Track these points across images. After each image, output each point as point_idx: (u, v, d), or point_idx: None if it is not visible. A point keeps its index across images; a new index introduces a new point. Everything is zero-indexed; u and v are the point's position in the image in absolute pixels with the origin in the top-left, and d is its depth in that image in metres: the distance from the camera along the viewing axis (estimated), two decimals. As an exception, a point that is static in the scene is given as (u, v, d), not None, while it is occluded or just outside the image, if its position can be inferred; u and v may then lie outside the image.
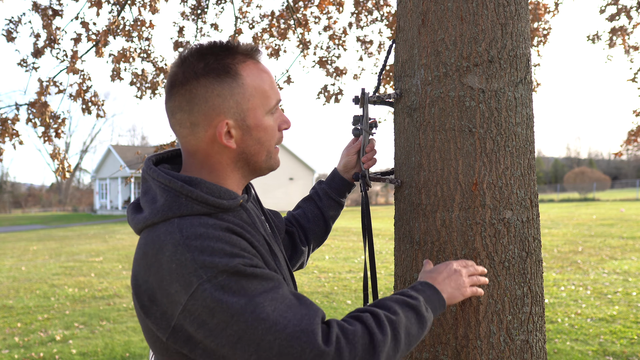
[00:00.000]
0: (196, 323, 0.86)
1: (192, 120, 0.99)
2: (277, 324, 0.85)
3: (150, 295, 0.91)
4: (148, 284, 0.91)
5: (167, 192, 0.96)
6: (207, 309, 0.85)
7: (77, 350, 4.82)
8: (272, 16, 5.24)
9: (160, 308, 0.90)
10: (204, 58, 0.97)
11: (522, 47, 1.32)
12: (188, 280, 0.86)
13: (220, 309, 0.85)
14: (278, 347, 0.85)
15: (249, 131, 1.01)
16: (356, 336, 0.90)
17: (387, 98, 1.43)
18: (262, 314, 0.85)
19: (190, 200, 0.95)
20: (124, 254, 11.93)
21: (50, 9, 4.34)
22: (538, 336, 1.31)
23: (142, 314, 0.94)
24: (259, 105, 1.01)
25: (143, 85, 5.02)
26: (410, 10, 1.38)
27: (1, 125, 4.15)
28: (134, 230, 1.04)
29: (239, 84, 0.98)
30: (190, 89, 0.98)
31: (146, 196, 1.00)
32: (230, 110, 0.98)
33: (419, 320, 1.01)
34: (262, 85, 1.01)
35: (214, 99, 0.97)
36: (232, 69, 0.98)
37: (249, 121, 1.00)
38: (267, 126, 1.03)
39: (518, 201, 1.29)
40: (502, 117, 1.28)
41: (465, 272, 1.17)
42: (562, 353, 4.30)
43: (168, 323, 0.89)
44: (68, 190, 49.25)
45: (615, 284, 6.83)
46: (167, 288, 0.88)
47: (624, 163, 61.44)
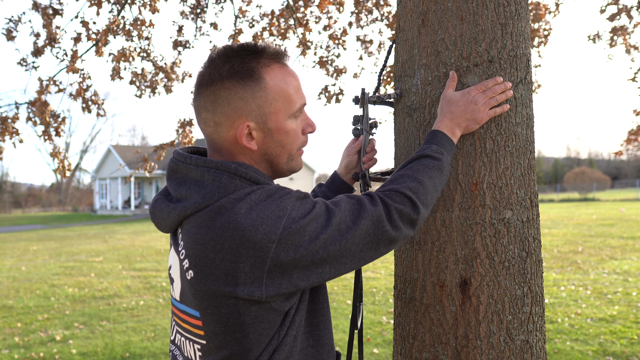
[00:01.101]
0: (293, 245, 0.92)
1: (215, 120, 1.02)
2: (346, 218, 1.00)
3: (232, 263, 0.92)
4: (224, 253, 0.92)
5: (220, 175, 0.98)
6: (297, 231, 0.93)
7: (77, 350, 4.82)
8: (272, 15, 5.24)
9: (247, 264, 0.91)
10: (229, 60, 1.00)
11: (522, 47, 1.32)
12: (274, 224, 0.92)
13: (308, 224, 0.94)
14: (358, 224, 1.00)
15: (271, 134, 1.03)
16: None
17: (387, 98, 1.43)
18: (337, 218, 0.98)
19: (244, 180, 0.98)
20: (124, 254, 11.93)
21: (51, 8, 4.34)
22: (538, 336, 1.31)
23: (226, 291, 0.93)
24: (282, 109, 1.02)
25: (142, 84, 5.01)
26: (410, 10, 1.38)
27: (1, 123, 4.15)
28: (166, 224, 1.03)
29: (262, 87, 1.00)
30: (214, 90, 1.00)
31: (184, 186, 1.00)
32: (252, 113, 1.00)
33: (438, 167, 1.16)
34: (286, 89, 1.03)
35: (236, 102, 1.00)
36: (255, 72, 1.00)
37: (271, 124, 1.02)
38: (289, 130, 1.04)
39: (518, 201, 1.29)
40: (502, 117, 1.28)
41: (482, 100, 1.24)
42: (562, 353, 4.30)
43: (262, 269, 0.91)
44: (68, 190, 49.25)
45: (615, 284, 6.83)
46: (253, 237, 0.91)
47: (624, 163, 61.45)
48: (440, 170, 1.15)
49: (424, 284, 1.32)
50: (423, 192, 1.10)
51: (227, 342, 0.97)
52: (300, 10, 5.12)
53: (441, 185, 1.16)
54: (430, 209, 1.12)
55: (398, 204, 1.05)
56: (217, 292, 0.93)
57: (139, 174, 6.68)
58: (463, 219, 1.27)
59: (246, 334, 0.95)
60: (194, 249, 0.95)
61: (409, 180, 1.11)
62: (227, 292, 0.92)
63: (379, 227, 1.01)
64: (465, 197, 1.27)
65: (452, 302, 1.27)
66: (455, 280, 1.27)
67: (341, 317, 5.70)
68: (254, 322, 0.95)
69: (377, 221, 1.01)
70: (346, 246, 0.97)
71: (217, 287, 0.93)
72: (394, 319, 1.45)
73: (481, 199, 1.26)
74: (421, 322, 1.32)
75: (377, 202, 1.04)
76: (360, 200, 1.04)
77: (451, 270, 1.28)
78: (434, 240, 1.30)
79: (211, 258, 0.93)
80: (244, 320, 0.94)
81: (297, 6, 5.10)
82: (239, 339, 0.96)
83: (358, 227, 0.99)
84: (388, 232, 1.02)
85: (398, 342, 1.41)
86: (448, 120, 1.23)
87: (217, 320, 0.96)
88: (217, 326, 0.96)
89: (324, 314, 1.08)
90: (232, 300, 0.93)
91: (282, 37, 5.21)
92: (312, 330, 1.05)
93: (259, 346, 0.97)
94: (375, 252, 1.03)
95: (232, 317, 0.94)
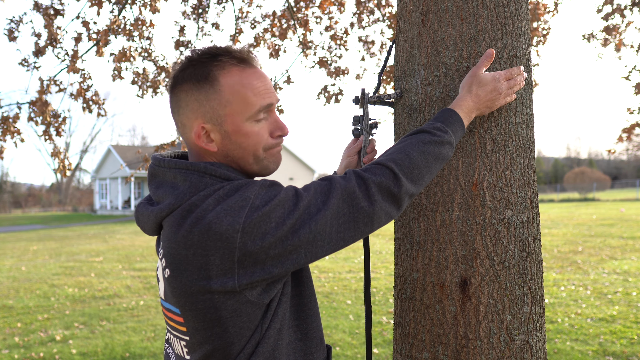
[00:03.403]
0: (259, 233, 0.91)
1: (180, 121, 1.06)
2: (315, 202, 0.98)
3: (203, 257, 0.93)
4: (195, 249, 0.93)
5: (191, 175, 1.00)
6: (261, 218, 0.92)
7: (77, 350, 4.82)
8: (274, 16, 5.24)
9: (216, 256, 0.92)
10: (190, 64, 1.03)
11: (522, 47, 1.32)
12: (237, 214, 0.92)
13: (272, 211, 0.93)
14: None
15: (228, 136, 1.03)
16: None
17: (387, 98, 1.43)
18: (302, 202, 0.96)
19: (214, 178, 1.00)
20: (124, 254, 11.93)
21: (52, 9, 4.35)
22: (538, 336, 1.31)
23: (200, 285, 0.94)
24: (238, 112, 1.02)
25: (144, 84, 5.02)
26: (410, 10, 1.38)
27: (3, 123, 4.16)
28: (148, 227, 1.06)
29: (216, 89, 1.01)
30: (176, 92, 1.04)
31: (161, 188, 1.03)
32: (207, 115, 1.02)
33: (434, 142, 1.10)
34: (242, 91, 1.02)
35: (192, 103, 1.02)
36: (210, 75, 1.01)
37: (227, 126, 1.02)
38: (248, 132, 1.03)
39: (518, 201, 1.29)
40: (502, 117, 1.28)
41: (505, 88, 1.23)
42: (562, 353, 4.30)
43: (231, 260, 0.92)
44: (68, 190, 49.25)
45: (615, 284, 6.83)
46: (218, 229, 0.91)
47: (624, 163, 61.42)
48: (437, 146, 1.09)
49: (424, 284, 1.32)
50: (409, 165, 1.04)
51: (208, 337, 0.98)
52: (301, 10, 5.12)
53: (436, 162, 1.09)
54: (419, 185, 1.06)
55: (377, 176, 1.01)
56: (192, 288, 0.95)
57: (139, 174, 6.68)
58: (463, 219, 1.27)
59: (226, 329, 0.96)
60: (168, 248, 0.98)
61: (396, 153, 1.06)
62: (201, 286, 0.94)
63: (352, 204, 0.97)
64: (465, 197, 1.27)
65: (452, 302, 1.28)
66: (455, 280, 1.27)
67: (341, 317, 5.70)
68: (232, 316, 0.96)
69: (349, 197, 0.98)
70: (318, 228, 0.95)
71: (191, 283, 0.95)
72: (394, 319, 1.45)
73: (481, 199, 1.27)
74: (421, 322, 1.32)
75: (351, 178, 1.01)
76: (332, 179, 1.01)
77: (451, 270, 1.28)
78: (434, 240, 1.30)
79: (184, 255, 0.94)
80: (222, 314, 0.95)
81: (298, 7, 5.11)
82: (219, 333, 0.97)
83: (328, 207, 0.96)
84: (364, 208, 0.98)
85: (398, 342, 1.41)
86: (471, 102, 1.19)
87: (195, 316, 0.97)
88: (196, 322, 0.98)
89: (311, 307, 1.09)
90: (207, 295, 0.94)
91: (282, 37, 5.21)
92: (300, 324, 1.06)
93: (241, 340, 0.97)
94: (355, 232, 0.99)
95: (210, 312, 0.96)
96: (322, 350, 1.11)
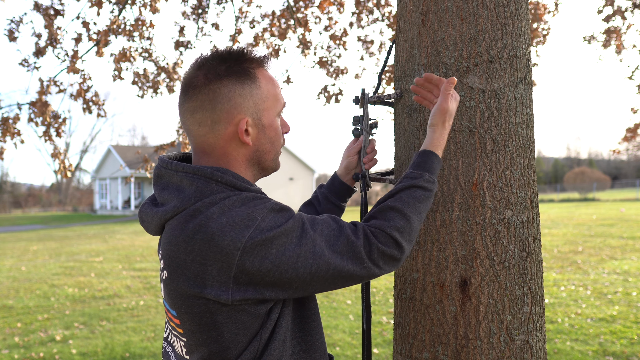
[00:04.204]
0: (259, 257, 0.93)
1: (213, 118, 1.06)
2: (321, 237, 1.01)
3: (201, 265, 0.95)
4: (194, 255, 0.95)
5: (197, 180, 1.02)
6: (263, 242, 0.94)
7: (77, 350, 4.82)
8: (273, 16, 5.24)
9: (214, 268, 0.94)
10: (225, 61, 1.07)
11: (522, 47, 1.32)
12: (241, 232, 0.94)
13: (276, 238, 0.95)
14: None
15: (264, 130, 1.09)
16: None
17: (387, 98, 1.43)
18: (308, 234, 0.99)
19: (220, 185, 1.02)
20: (124, 254, 11.93)
21: (52, 9, 4.35)
22: (538, 336, 1.31)
23: (195, 291, 0.96)
24: (272, 107, 1.10)
25: (144, 84, 5.02)
26: (410, 10, 1.39)
27: (3, 124, 4.16)
28: (152, 227, 1.08)
29: (257, 85, 1.08)
30: (213, 88, 1.05)
31: (166, 191, 1.05)
32: (250, 109, 1.07)
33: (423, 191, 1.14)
34: (274, 89, 1.11)
35: (236, 98, 1.06)
36: (251, 72, 1.07)
37: (264, 120, 1.09)
38: (277, 127, 1.13)
39: (518, 201, 1.29)
40: (502, 117, 1.28)
41: (453, 107, 1.22)
42: (562, 353, 4.30)
43: (228, 275, 0.93)
44: (68, 190, 49.24)
45: (615, 284, 6.83)
46: (220, 243, 0.93)
47: (624, 163, 61.42)
48: (428, 201, 1.14)
49: (424, 284, 1.32)
50: (409, 230, 1.08)
51: (204, 340, 0.99)
52: (300, 10, 5.12)
53: (426, 212, 1.15)
54: (414, 241, 1.11)
55: (382, 244, 1.04)
56: (187, 292, 0.97)
57: (139, 174, 6.66)
58: (463, 219, 1.27)
59: (221, 333, 0.98)
60: (168, 250, 0.99)
61: (397, 217, 1.09)
62: (196, 292, 0.96)
63: (356, 262, 1.01)
64: (465, 197, 1.27)
65: (452, 302, 1.28)
66: (455, 280, 1.27)
67: (341, 317, 5.71)
68: (227, 322, 0.97)
69: (353, 255, 1.01)
70: (318, 271, 0.98)
71: (187, 287, 0.96)
72: (394, 319, 1.45)
73: (481, 199, 1.27)
74: (421, 322, 1.32)
75: (360, 235, 1.04)
76: (342, 228, 1.04)
77: (451, 270, 1.28)
78: (434, 240, 1.30)
79: (182, 259, 0.96)
80: (217, 319, 0.97)
81: (297, 7, 5.11)
82: (214, 337, 0.98)
83: (333, 257, 0.99)
84: (366, 269, 1.02)
85: (398, 342, 1.41)
86: (444, 138, 1.20)
87: (191, 319, 0.99)
88: (192, 325, 1.00)
89: (315, 319, 1.11)
90: (202, 300, 0.96)
91: (282, 37, 5.21)
92: (304, 335, 1.08)
93: (237, 346, 0.99)
94: (349, 283, 1.03)
95: (205, 317, 0.97)
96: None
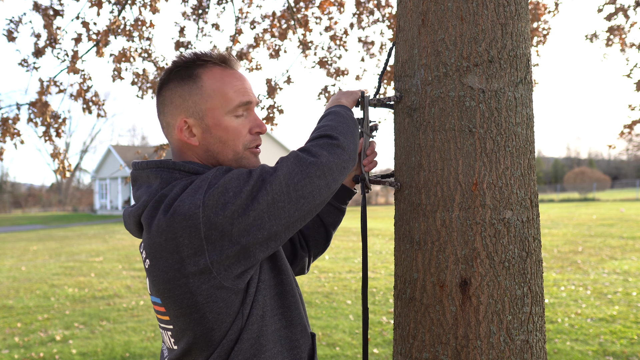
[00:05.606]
0: (220, 204, 0.96)
1: (166, 121, 1.13)
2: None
3: (173, 240, 0.97)
4: (166, 234, 0.98)
5: (161, 171, 1.06)
6: (218, 190, 0.97)
7: (77, 350, 4.82)
8: (274, 17, 5.24)
9: (185, 236, 0.96)
10: (175, 66, 1.12)
11: (522, 47, 1.32)
12: (197, 192, 0.97)
13: (228, 183, 0.98)
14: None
15: (209, 130, 1.10)
16: None
17: (387, 101, 1.43)
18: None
19: (183, 173, 1.06)
20: (124, 254, 11.93)
21: (51, 9, 4.34)
22: (538, 336, 1.31)
23: (175, 270, 0.98)
24: (218, 106, 1.10)
25: (144, 85, 5.01)
26: (410, 10, 1.39)
27: (2, 124, 4.15)
28: (132, 228, 1.11)
29: (198, 85, 1.10)
30: (162, 93, 1.13)
31: (140, 190, 1.10)
32: (190, 110, 1.10)
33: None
34: (223, 88, 1.10)
35: (176, 100, 1.10)
36: (193, 73, 1.10)
37: (208, 120, 1.10)
38: (228, 126, 1.11)
39: (518, 201, 1.29)
40: (502, 117, 1.28)
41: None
42: (562, 353, 4.30)
43: (199, 237, 0.95)
44: (68, 190, 49.22)
45: (615, 284, 6.83)
46: (181, 210, 0.96)
47: (624, 163, 61.41)
48: (335, 114, 1.21)
49: (424, 284, 1.32)
50: (330, 130, 1.14)
51: (189, 324, 1.01)
52: (301, 11, 5.12)
53: (343, 119, 1.20)
54: (347, 135, 1.15)
55: (312, 141, 1.11)
56: (168, 274, 0.99)
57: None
58: (463, 219, 1.27)
59: (203, 314, 1.00)
60: (146, 239, 1.03)
61: (316, 131, 1.16)
62: (177, 270, 0.98)
63: (300, 162, 1.04)
64: (465, 197, 1.27)
65: (452, 302, 1.28)
66: (455, 280, 1.27)
67: (341, 317, 5.71)
68: (207, 302, 0.99)
69: (295, 159, 1.05)
70: (274, 189, 1.00)
71: (167, 269, 0.99)
72: (394, 319, 1.45)
73: (481, 199, 1.27)
74: (421, 322, 1.32)
75: (294, 150, 1.10)
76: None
77: (451, 270, 1.28)
78: (434, 240, 1.30)
79: (157, 242, 0.99)
80: (198, 299, 0.99)
81: (298, 7, 5.11)
82: (197, 319, 1.00)
83: (279, 171, 1.02)
84: (312, 162, 1.05)
85: (398, 342, 1.41)
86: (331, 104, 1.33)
87: (174, 303, 1.01)
88: (176, 309, 1.02)
89: (293, 294, 1.13)
90: (183, 280, 0.98)
91: (282, 37, 5.21)
92: (284, 311, 1.10)
93: (221, 326, 1.01)
94: (312, 186, 1.04)
95: (186, 298, 0.99)
96: (307, 337, 1.14)
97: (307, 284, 7.69)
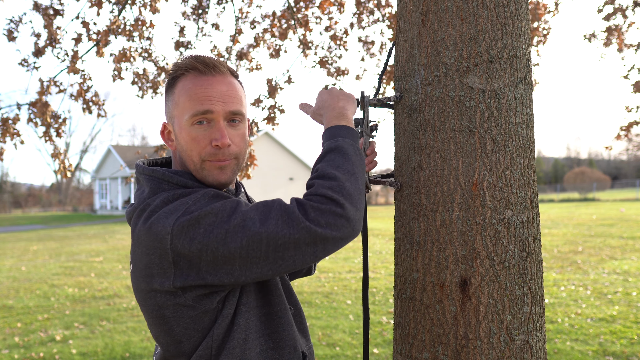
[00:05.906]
0: (187, 238, 0.94)
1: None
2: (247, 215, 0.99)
3: (147, 255, 0.99)
4: (142, 247, 1.01)
5: (152, 181, 1.08)
6: (189, 222, 0.95)
7: (77, 350, 4.82)
8: (274, 16, 5.24)
9: (155, 256, 0.97)
10: (169, 71, 1.17)
11: (522, 47, 1.32)
12: (171, 217, 0.97)
13: (202, 217, 0.96)
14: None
15: (177, 137, 1.13)
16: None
17: (387, 101, 1.43)
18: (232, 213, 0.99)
19: (171, 185, 1.07)
20: (124, 254, 11.93)
21: (51, 9, 4.34)
22: (538, 336, 1.31)
23: (146, 283, 1.00)
24: (180, 114, 1.10)
25: (144, 85, 5.01)
26: (410, 10, 1.39)
27: (2, 124, 4.15)
28: (128, 223, 1.14)
29: (172, 92, 1.13)
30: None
31: (137, 192, 1.13)
32: (167, 115, 1.15)
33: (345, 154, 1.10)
34: (185, 95, 1.09)
35: (164, 106, 1.17)
36: (173, 80, 1.13)
37: (175, 127, 1.13)
38: (186, 135, 1.09)
39: (518, 201, 1.29)
40: (502, 117, 1.28)
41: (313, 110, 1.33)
42: (562, 353, 4.30)
43: (168, 261, 0.96)
44: (68, 190, 49.21)
45: (615, 284, 6.83)
46: (155, 230, 0.97)
47: (624, 163, 61.39)
48: (345, 157, 1.07)
49: (424, 284, 1.32)
50: (341, 186, 0.99)
51: (159, 333, 1.04)
52: (301, 11, 5.12)
53: (353, 167, 1.06)
54: (355, 197, 1.01)
55: (316, 202, 0.97)
56: (141, 285, 1.02)
57: (139, 174, 6.61)
58: (463, 219, 1.27)
59: (171, 327, 1.01)
60: (131, 245, 1.06)
61: (322, 181, 1.02)
62: (147, 283, 1.00)
63: (291, 223, 0.93)
64: (465, 197, 1.27)
65: (452, 302, 1.28)
66: (455, 280, 1.27)
67: (341, 317, 5.71)
68: (174, 317, 1.00)
69: (289, 217, 0.94)
70: (251, 245, 0.93)
71: (140, 280, 1.02)
72: (394, 319, 1.45)
73: (481, 199, 1.27)
74: (421, 322, 1.32)
75: (293, 202, 0.99)
76: (276, 200, 1.00)
77: (451, 270, 1.28)
78: (434, 240, 1.30)
79: (137, 251, 1.02)
80: (165, 313, 1.00)
81: (298, 7, 5.10)
82: (166, 330, 1.02)
83: (264, 226, 0.93)
84: (305, 228, 0.93)
85: (398, 342, 1.41)
86: (330, 121, 1.27)
87: (146, 311, 1.04)
88: (148, 317, 1.05)
89: (282, 315, 1.11)
90: (152, 293, 1.00)
91: (282, 37, 5.21)
92: (271, 333, 1.09)
93: (190, 340, 1.02)
94: (295, 251, 0.94)
95: (155, 310, 1.01)
96: (297, 357, 1.12)
97: (307, 284, 7.69)
